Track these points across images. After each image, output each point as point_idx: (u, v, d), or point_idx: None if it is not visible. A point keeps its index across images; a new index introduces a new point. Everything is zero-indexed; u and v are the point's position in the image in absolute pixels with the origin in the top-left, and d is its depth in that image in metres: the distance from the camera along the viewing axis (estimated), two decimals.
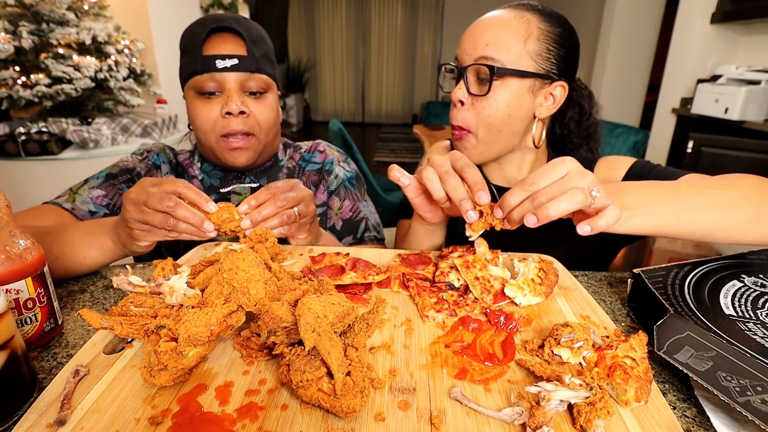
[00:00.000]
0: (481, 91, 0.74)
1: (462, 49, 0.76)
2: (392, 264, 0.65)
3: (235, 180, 0.93)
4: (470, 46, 0.74)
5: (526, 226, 0.52)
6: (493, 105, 0.74)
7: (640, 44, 4.45)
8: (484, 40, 0.73)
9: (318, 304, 0.42)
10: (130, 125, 2.34)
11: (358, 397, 0.37)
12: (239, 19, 0.83)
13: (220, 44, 0.81)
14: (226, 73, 0.80)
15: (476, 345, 0.47)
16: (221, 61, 0.79)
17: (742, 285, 0.57)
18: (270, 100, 0.86)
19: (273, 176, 0.96)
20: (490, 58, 0.72)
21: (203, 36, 0.80)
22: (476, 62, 0.73)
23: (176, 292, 0.47)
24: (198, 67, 0.80)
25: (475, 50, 0.73)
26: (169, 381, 0.40)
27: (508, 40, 0.72)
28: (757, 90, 2.66)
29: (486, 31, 0.73)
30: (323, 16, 7.84)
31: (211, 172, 0.93)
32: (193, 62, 0.80)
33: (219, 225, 0.64)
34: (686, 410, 0.43)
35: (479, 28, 0.75)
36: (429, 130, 3.63)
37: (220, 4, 4.05)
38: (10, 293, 0.47)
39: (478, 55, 0.73)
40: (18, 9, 2.08)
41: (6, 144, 2.00)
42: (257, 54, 0.82)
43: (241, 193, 0.93)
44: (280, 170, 0.97)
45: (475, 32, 0.75)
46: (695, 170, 0.76)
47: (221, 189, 0.92)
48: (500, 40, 0.72)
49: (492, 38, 0.72)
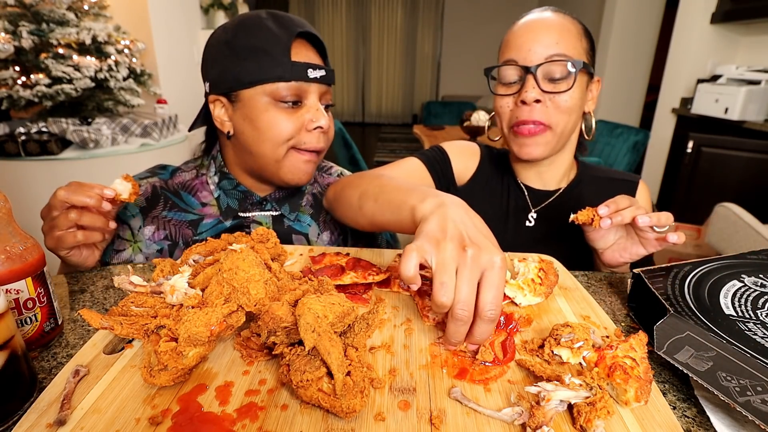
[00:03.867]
0: (556, 88, 0.76)
1: (525, 50, 0.76)
2: (392, 264, 0.65)
3: (255, 206, 0.85)
4: (538, 46, 0.75)
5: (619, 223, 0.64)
6: (571, 99, 0.77)
7: (640, 44, 4.45)
8: (553, 39, 0.75)
9: (318, 304, 0.42)
10: (130, 125, 2.34)
11: (358, 397, 0.37)
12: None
13: (307, 52, 0.77)
14: (314, 84, 0.76)
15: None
16: (312, 71, 0.75)
17: (742, 285, 0.57)
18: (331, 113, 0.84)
19: (295, 204, 0.88)
20: (564, 55, 0.75)
21: (290, 38, 0.74)
22: (551, 59, 0.74)
23: (177, 291, 0.47)
24: (285, 74, 0.73)
25: (546, 49, 0.75)
26: (169, 381, 0.40)
27: (572, 38, 0.76)
28: (757, 90, 2.66)
29: (551, 31, 0.76)
30: (323, 16, 7.84)
31: (231, 192, 0.84)
32: (277, 66, 0.73)
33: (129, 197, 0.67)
34: (686, 410, 0.43)
35: (541, 28, 0.76)
36: (429, 130, 3.63)
37: (220, 4, 4.05)
38: (10, 293, 0.47)
39: (551, 53, 0.75)
40: (18, 9, 2.08)
41: (6, 144, 2.00)
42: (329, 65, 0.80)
43: (261, 222, 0.85)
44: (302, 197, 0.89)
45: (537, 32, 0.76)
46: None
47: (240, 213, 0.84)
48: (567, 38, 0.75)
49: (560, 37, 0.75)
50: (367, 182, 0.69)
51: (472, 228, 0.47)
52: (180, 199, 0.85)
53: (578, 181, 0.89)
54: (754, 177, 2.25)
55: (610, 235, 0.71)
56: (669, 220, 0.64)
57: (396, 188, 0.61)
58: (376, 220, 0.64)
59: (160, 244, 0.82)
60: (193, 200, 0.85)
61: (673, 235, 0.63)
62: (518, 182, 0.90)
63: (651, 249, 0.68)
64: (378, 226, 0.66)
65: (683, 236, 0.63)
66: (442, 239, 0.45)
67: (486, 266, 0.43)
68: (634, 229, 0.68)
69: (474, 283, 0.43)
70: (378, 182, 0.67)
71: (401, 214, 0.56)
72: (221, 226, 0.83)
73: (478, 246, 0.44)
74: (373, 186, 0.67)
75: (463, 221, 0.47)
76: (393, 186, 0.62)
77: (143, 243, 0.82)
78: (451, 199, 0.52)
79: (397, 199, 0.58)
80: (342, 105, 8.44)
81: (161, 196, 0.84)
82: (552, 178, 0.88)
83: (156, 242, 0.82)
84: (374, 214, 0.64)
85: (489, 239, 0.46)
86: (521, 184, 0.90)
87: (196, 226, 0.83)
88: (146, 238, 0.82)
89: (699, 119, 3.05)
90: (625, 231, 0.71)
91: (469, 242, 0.44)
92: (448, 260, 0.43)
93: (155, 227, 0.82)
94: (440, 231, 0.46)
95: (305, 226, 0.88)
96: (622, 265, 0.73)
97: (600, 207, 0.64)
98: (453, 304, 0.43)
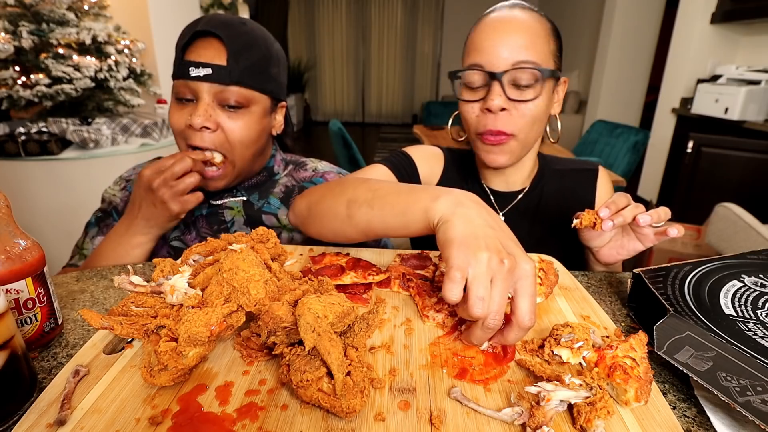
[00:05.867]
0: (522, 96, 0.73)
1: (492, 54, 0.72)
2: (392, 264, 0.65)
3: (227, 193, 0.88)
4: (505, 50, 0.71)
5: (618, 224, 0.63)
6: (536, 107, 0.74)
7: (640, 44, 4.46)
8: (519, 43, 0.71)
9: (318, 304, 0.42)
10: (130, 125, 2.34)
11: (358, 397, 0.37)
12: (231, 23, 0.77)
13: (201, 50, 0.75)
14: (200, 83, 0.75)
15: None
16: (194, 69, 0.74)
17: (742, 285, 0.57)
18: (250, 116, 0.79)
19: (266, 191, 0.90)
20: (530, 62, 0.71)
21: (187, 38, 0.76)
22: (517, 66, 0.71)
23: (177, 291, 0.47)
24: (176, 72, 0.76)
25: (512, 54, 0.71)
26: (169, 381, 0.40)
27: (539, 42, 0.72)
28: (757, 90, 2.66)
29: (518, 34, 0.71)
30: (323, 16, 7.84)
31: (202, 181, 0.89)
32: (175, 65, 0.77)
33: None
34: (686, 410, 0.43)
35: (508, 31, 0.72)
36: (429, 130, 3.63)
37: (220, 4, 4.05)
38: (10, 293, 0.47)
39: (517, 59, 0.71)
40: (18, 9, 2.08)
41: (6, 144, 2.00)
42: (240, 64, 0.75)
43: (233, 207, 0.88)
44: (274, 185, 0.91)
45: (504, 34, 0.72)
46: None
47: (212, 201, 0.87)
48: (534, 42, 0.72)
49: (526, 41, 0.71)
50: (352, 189, 0.64)
51: (500, 232, 0.46)
52: None
53: (540, 177, 0.89)
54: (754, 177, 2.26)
55: (606, 233, 0.70)
56: (667, 214, 0.64)
57: (394, 191, 0.58)
58: (373, 227, 0.60)
59: None
60: None
61: (672, 228, 0.62)
62: (483, 185, 0.89)
63: (648, 244, 0.68)
64: (374, 234, 0.62)
65: (682, 229, 0.63)
66: (477, 249, 0.43)
67: (520, 275, 0.43)
68: (630, 226, 0.68)
69: (507, 293, 0.43)
70: (366, 187, 0.62)
71: (409, 217, 0.53)
72: (197, 212, 0.87)
73: (513, 257, 0.43)
74: (362, 191, 0.62)
75: (489, 224, 0.46)
76: (388, 189, 0.59)
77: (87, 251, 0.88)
78: (464, 195, 0.50)
79: (401, 202, 0.55)
80: (342, 105, 8.44)
81: None
82: (516, 180, 0.88)
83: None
84: (370, 221, 0.59)
85: (516, 243, 0.46)
86: (486, 187, 0.89)
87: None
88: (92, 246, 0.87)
89: (699, 119, 3.05)
90: (621, 228, 0.70)
91: (504, 252, 0.43)
92: (485, 273, 0.42)
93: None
94: (472, 238, 0.44)
95: (274, 209, 0.89)
96: (619, 261, 0.73)
97: (601, 209, 0.64)
98: (486, 315, 0.43)
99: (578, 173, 0.90)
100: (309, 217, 0.71)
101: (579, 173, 0.90)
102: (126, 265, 0.75)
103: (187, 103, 0.77)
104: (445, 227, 0.47)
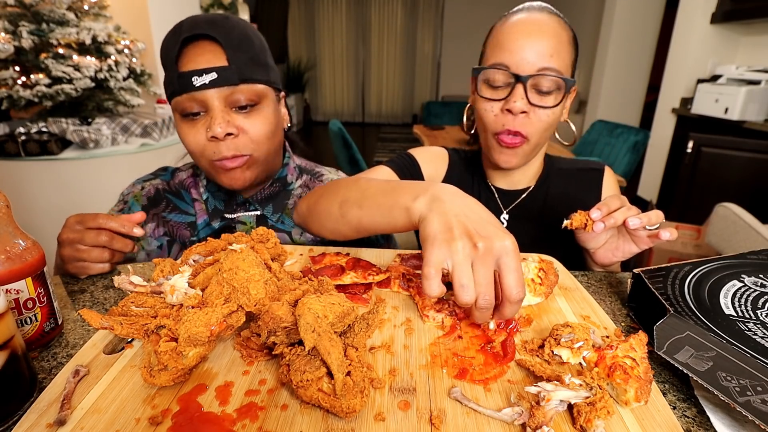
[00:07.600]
0: (543, 102, 0.73)
1: (519, 56, 0.72)
2: (392, 264, 0.65)
3: (240, 207, 0.85)
4: (532, 54, 0.71)
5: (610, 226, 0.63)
6: (553, 114, 0.75)
7: (640, 44, 4.46)
8: (548, 50, 0.71)
9: (318, 304, 0.42)
10: (130, 125, 2.34)
11: (358, 397, 0.37)
12: (216, 20, 0.72)
13: (196, 56, 0.70)
14: (206, 91, 0.70)
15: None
16: (198, 78, 0.69)
17: (742, 285, 0.57)
18: (265, 111, 0.76)
19: (280, 203, 0.87)
20: (554, 69, 0.71)
21: (177, 48, 0.70)
22: (542, 72, 0.71)
23: (177, 291, 0.47)
24: (176, 87, 0.71)
25: (539, 59, 0.71)
26: (169, 381, 0.40)
27: (563, 50, 0.73)
28: (757, 90, 2.66)
29: (546, 40, 0.71)
30: (323, 16, 7.84)
31: (216, 193, 0.85)
32: (171, 81, 0.71)
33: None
34: (686, 410, 0.43)
35: (537, 36, 0.72)
36: (429, 130, 3.62)
37: (220, 4, 4.05)
38: (10, 293, 0.47)
39: (542, 65, 0.71)
40: (18, 9, 2.08)
41: (6, 144, 2.00)
42: (241, 60, 0.71)
43: (246, 222, 0.85)
44: (288, 196, 0.88)
45: (532, 40, 0.72)
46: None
47: (226, 214, 0.84)
48: (559, 50, 0.72)
49: (552, 48, 0.71)
50: (345, 189, 0.66)
51: (474, 216, 0.47)
52: (181, 199, 0.87)
53: (545, 176, 0.89)
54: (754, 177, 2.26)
55: (602, 235, 0.71)
56: (659, 218, 0.64)
57: (380, 191, 0.60)
58: (363, 225, 0.62)
59: (160, 240, 0.85)
60: (189, 197, 0.87)
61: (665, 232, 0.63)
62: (488, 184, 0.90)
63: (643, 246, 0.68)
64: (366, 232, 0.64)
65: (675, 232, 0.63)
66: (451, 239, 0.45)
67: (500, 253, 0.44)
68: (625, 228, 0.68)
69: (491, 272, 0.45)
70: (357, 187, 0.65)
71: (394, 216, 0.55)
72: (209, 228, 0.85)
73: (487, 237, 0.45)
74: (353, 192, 0.64)
75: (464, 212, 0.48)
76: (376, 189, 0.61)
77: (145, 240, 0.84)
78: (441, 189, 0.52)
79: (386, 202, 0.57)
80: (342, 105, 8.44)
81: (164, 198, 0.87)
82: (522, 179, 0.88)
83: (156, 239, 0.85)
84: (360, 220, 0.62)
85: (493, 223, 0.47)
86: (491, 185, 0.90)
87: (194, 228, 0.85)
88: (147, 234, 0.85)
89: (699, 119, 3.05)
90: (617, 230, 0.71)
91: (477, 236, 0.45)
92: (463, 260, 0.44)
93: (155, 224, 0.85)
94: (446, 231, 0.46)
95: (288, 227, 0.88)
96: (615, 263, 0.73)
97: (592, 210, 0.64)
98: (476, 298, 0.44)
99: (584, 173, 0.91)
100: (309, 217, 0.74)
101: (584, 173, 0.91)
102: (126, 265, 0.75)
103: (196, 117, 0.73)
104: (423, 225, 0.49)
